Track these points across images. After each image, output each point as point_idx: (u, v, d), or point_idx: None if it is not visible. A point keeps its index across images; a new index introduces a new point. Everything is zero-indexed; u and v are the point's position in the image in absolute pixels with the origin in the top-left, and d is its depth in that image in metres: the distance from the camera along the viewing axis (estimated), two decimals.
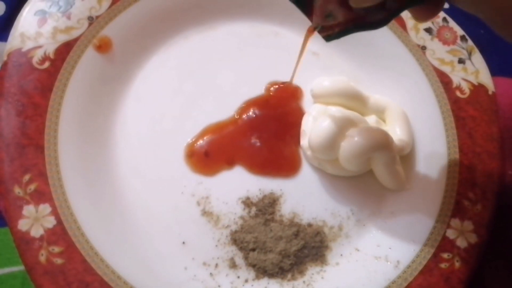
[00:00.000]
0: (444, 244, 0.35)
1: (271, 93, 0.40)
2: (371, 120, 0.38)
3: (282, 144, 0.38)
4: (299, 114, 0.39)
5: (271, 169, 0.37)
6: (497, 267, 0.38)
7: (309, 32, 0.32)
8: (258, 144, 0.38)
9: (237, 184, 0.37)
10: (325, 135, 0.35)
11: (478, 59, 0.41)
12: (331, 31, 0.29)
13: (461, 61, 0.41)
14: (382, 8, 0.26)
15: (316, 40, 0.42)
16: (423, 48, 0.41)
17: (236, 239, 0.35)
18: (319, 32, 0.29)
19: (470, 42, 0.41)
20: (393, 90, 0.40)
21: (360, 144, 0.34)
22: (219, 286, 0.34)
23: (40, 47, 0.35)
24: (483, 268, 0.36)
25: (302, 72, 0.41)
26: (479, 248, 0.35)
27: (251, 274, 0.34)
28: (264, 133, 0.38)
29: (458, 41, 0.41)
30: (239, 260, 0.35)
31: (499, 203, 0.37)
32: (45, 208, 0.32)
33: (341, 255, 0.36)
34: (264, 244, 0.35)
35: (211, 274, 0.34)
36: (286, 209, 0.36)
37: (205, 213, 0.36)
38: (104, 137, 0.37)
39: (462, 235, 0.35)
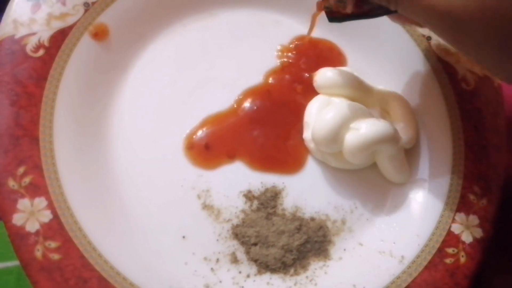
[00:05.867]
0: (449, 239, 0.34)
1: (270, 81, 0.39)
2: (375, 112, 0.37)
3: (287, 140, 0.37)
4: (303, 105, 0.38)
5: (274, 167, 0.36)
6: (499, 261, 0.38)
7: (319, 9, 0.33)
8: (261, 139, 0.37)
9: (239, 177, 0.36)
10: (329, 128, 0.34)
11: None
12: (336, 15, 0.31)
13: None
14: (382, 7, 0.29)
15: (320, 30, 0.41)
16: (428, 38, 0.40)
17: (238, 234, 0.34)
18: (326, 12, 0.32)
19: None
20: (398, 81, 0.39)
21: (365, 137, 0.34)
22: (220, 281, 0.33)
23: (34, 34, 0.34)
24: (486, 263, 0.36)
25: None
26: (484, 243, 0.34)
27: (253, 269, 0.34)
28: (268, 127, 0.37)
29: None
30: (241, 255, 0.34)
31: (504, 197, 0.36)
32: (41, 201, 0.31)
33: (345, 249, 0.35)
34: (266, 239, 0.34)
35: (212, 269, 0.33)
36: (288, 202, 0.36)
37: (206, 206, 0.35)
38: (101, 128, 0.36)
39: (467, 229, 0.35)
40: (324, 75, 0.38)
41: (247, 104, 0.38)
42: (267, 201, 0.35)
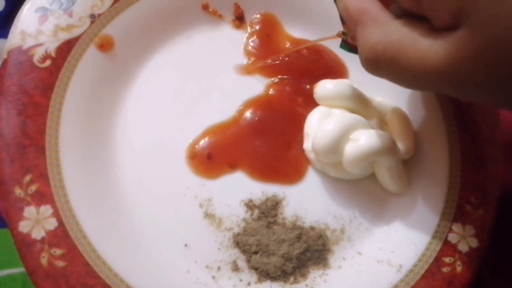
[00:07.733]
0: (446, 249, 0.35)
1: (271, 93, 0.40)
2: (374, 123, 0.38)
3: (287, 151, 0.38)
4: (303, 116, 0.38)
5: (275, 177, 0.37)
6: (497, 273, 0.39)
7: (338, 36, 0.34)
8: (262, 149, 0.37)
9: (240, 187, 0.36)
10: (329, 138, 0.35)
11: None
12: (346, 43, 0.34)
13: None
14: None
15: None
16: None
17: (239, 242, 0.35)
18: (343, 38, 0.34)
19: None
20: (395, 93, 0.40)
21: (364, 148, 0.34)
22: None
23: (41, 45, 0.35)
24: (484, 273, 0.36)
25: None
26: (480, 253, 0.35)
27: (254, 277, 0.34)
28: (269, 138, 0.38)
29: None
30: (242, 263, 0.34)
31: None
32: (47, 209, 0.32)
33: (344, 258, 0.36)
34: (266, 247, 0.35)
35: (213, 277, 0.34)
36: (288, 211, 0.36)
37: (208, 215, 0.35)
38: (105, 137, 0.36)
39: (464, 239, 0.35)
40: (324, 87, 0.39)
41: (248, 114, 0.39)
42: (267, 210, 0.36)
